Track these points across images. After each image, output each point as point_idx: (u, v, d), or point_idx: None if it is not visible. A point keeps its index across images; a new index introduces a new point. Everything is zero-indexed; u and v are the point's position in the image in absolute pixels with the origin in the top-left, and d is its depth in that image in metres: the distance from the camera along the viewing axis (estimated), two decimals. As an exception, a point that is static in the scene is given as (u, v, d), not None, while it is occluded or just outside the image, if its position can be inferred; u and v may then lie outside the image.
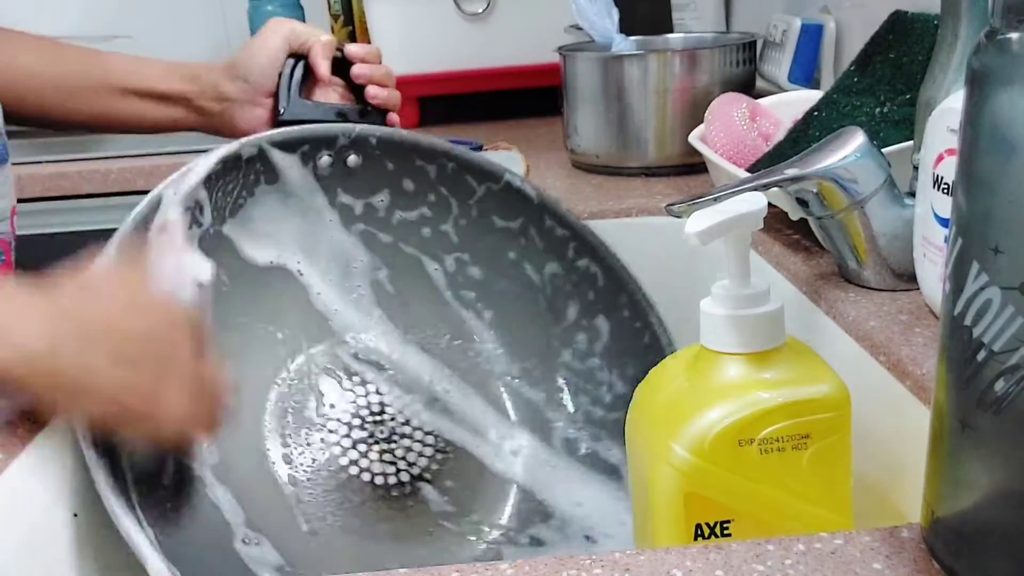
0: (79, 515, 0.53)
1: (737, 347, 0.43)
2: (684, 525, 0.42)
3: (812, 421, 0.42)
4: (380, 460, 0.63)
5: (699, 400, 0.43)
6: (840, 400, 0.43)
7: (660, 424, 0.44)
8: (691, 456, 0.41)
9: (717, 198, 0.70)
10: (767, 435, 0.41)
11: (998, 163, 0.28)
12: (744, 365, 0.43)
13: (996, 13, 0.28)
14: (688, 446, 0.41)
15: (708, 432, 0.41)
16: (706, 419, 0.41)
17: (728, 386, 0.43)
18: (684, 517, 0.42)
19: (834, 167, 0.54)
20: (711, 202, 0.71)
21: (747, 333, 0.43)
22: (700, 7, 1.23)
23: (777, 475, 0.42)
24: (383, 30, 1.23)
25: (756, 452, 0.41)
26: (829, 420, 0.42)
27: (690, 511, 0.42)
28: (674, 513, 0.42)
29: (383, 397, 0.66)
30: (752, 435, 0.41)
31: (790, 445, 0.42)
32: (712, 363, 0.44)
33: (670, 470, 0.42)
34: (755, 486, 0.42)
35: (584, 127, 0.96)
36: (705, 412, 0.42)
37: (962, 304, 0.30)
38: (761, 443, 0.41)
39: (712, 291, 0.45)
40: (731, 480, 0.42)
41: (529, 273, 0.70)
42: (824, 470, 0.43)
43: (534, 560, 0.35)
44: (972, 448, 0.31)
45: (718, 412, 0.41)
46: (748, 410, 0.41)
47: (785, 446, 0.42)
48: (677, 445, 0.41)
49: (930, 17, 0.68)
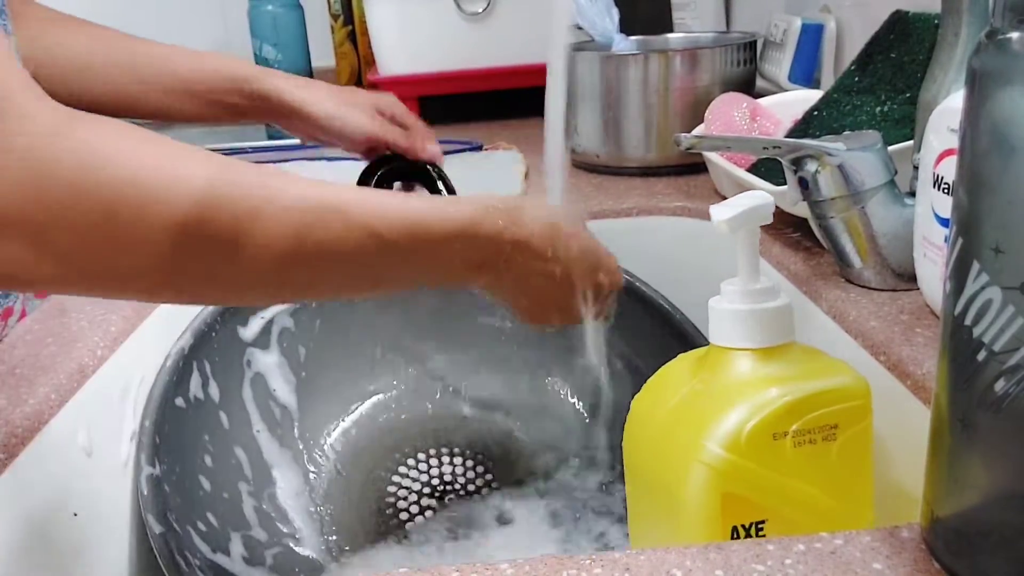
0: (79, 515, 0.53)
1: (752, 342, 0.43)
2: (720, 528, 0.41)
3: (839, 410, 0.42)
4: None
5: (723, 398, 0.42)
6: (863, 388, 0.43)
7: (683, 426, 0.43)
8: (727, 453, 0.40)
9: (728, 145, 0.71)
10: (800, 427, 0.41)
11: (998, 163, 0.28)
12: (760, 360, 0.43)
13: (996, 13, 0.28)
14: (723, 443, 0.40)
15: (743, 427, 0.40)
16: (737, 414, 0.41)
17: (751, 381, 0.43)
18: (721, 519, 0.41)
19: (843, 151, 0.54)
20: (720, 142, 0.71)
21: (763, 328, 0.43)
22: (700, 7, 1.23)
23: (809, 469, 0.42)
24: (383, 30, 1.22)
25: (790, 445, 0.41)
26: (855, 408, 0.43)
27: (727, 513, 0.41)
28: (709, 516, 0.41)
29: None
30: (786, 427, 0.41)
31: (820, 436, 0.42)
32: (726, 361, 0.44)
33: (705, 470, 0.41)
34: (789, 482, 0.41)
35: (584, 127, 0.95)
36: (734, 408, 0.41)
37: (962, 304, 0.30)
38: (795, 436, 0.41)
39: (722, 288, 0.45)
40: (767, 477, 0.41)
41: None
42: (851, 462, 0.43)
43: (534, 560, 0.35)
44: (972, 448, 0.31)
45: (748, 407, 0.41)
46: (779, 402, 0.41)
47: (816, 438, 0.42)
48: (711, 443, 0.40)
49: (930, 17, 0.68)
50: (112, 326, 0.62)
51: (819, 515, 0.42)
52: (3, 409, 0.50)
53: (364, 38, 1.46)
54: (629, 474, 0.48)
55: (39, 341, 0.59)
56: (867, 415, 0.43)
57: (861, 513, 0.44)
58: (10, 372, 0.55)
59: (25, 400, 0.51)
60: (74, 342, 0.59)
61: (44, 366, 0.55)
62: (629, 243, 0.82)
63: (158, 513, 0.53)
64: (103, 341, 0.60)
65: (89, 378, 0.57)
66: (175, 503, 0.56)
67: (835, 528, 0.36)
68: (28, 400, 0.51)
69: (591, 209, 0.83)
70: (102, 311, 0.64)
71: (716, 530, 0.41)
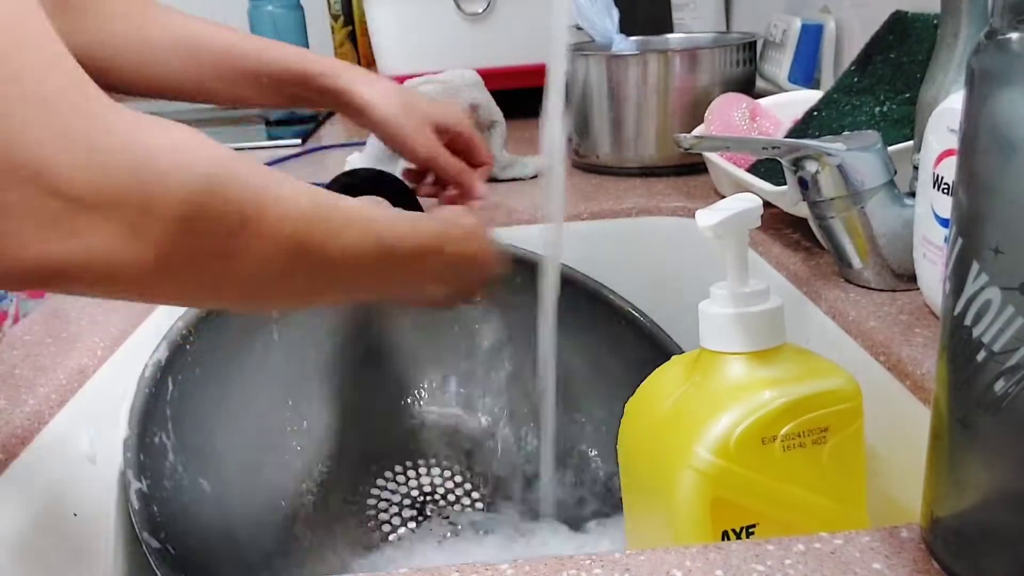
0: (79, 515, 0.53)
1: (742, 346, 0.43)
2: (712, 532, 0.41)
3: (829, 413, 0.42)
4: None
5: (713, 402, 0.42)
6: (853, 390, 0.43)
7: (674, 431, 0.43)
8: (716, 458, 0.40)
9: (728, 145, 0.71)
10: (789, 431, 0.41)
11: (998, 163, 0.28)
12: (750, 364, 0.43)
13: (996, 13, 0.28)
14: (712, 448, 0.40)
15: (731, 432, 0.40)
16: (727, 419, 0.41)
17: (740, 385, 0.42)
18: (711, 523, 0.41)
19: (843, 152, 0.54)
20: (720, 142, 0.71)
21: (752, 331, 0.43)
22: (700, 7, 1.23)
23: (799, 472, 0.42)
24: (383, 30, 1.22)
25: (779, 450, 0.41)
26: (845, 411, 0.43)
27: (717, 517, 0.41)
28: (699, 519, 0.41)
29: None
30: (775, 432, 0.41)
31: (810, 440, 0.42)
32: (717, 364, 0.44)
33: (694, 475, 0.41)
34: (779, 486, 0.42)
35: (584, 127, 0.95)
36: (724, 413, 0.41)
37: (962, 304, 0.30)
38: (784, 440, 0.41)
39: (711, 292, 0.44)
40: (756, 481, 0.41)
41: None
42: (842, 464, 0.43)
43: (534, 560, 0.35)
44: (972, 448, 0.31)
45: (737, 411, 0.41)
46: (768, 407, 0.41)
47: (806, 441, 0.41)
48: (700, 448, 0.41)
49: (930, 17, 0.68)
50: (112, 326, 0.62)
51: (811, 517, 0.42)
52: (3, 409, 0.50)
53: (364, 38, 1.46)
54: (625, 477, 0.48)
55: (39, 341, 0.59)
56: (858, 417, 0.43)
57: (854, 514, 0.44)
58: (10, 372, 0.55)
59: (25, 400, 0.51)
60: (74, 342, 0.59)
61: (44, 366, 0.55)
62: (629, 243, 0.83)
63: (153, 528, 0.53)
64: (103, 341, 0.60)
65: (89, 379, 0.57)
66: (166, 517, 0.55)
67: (830, 527, 0.36)
68: (28, 400, 0.51)
69: (591, 209, 0.83)
70: (102, 311, 0.64)
71: (707, 534, 0.41)
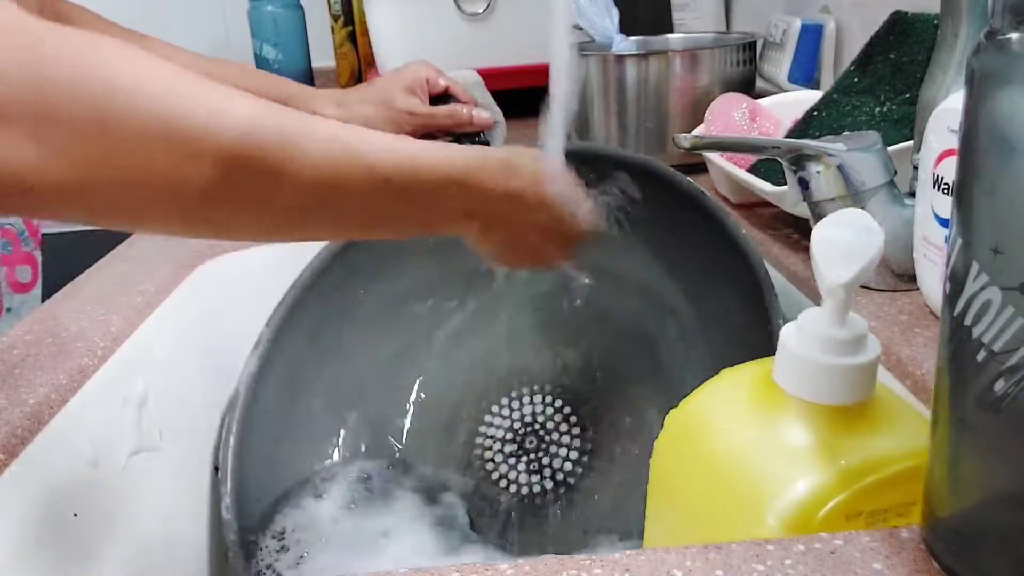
0: (79, 515, 0.53)
1: (830, 399, 0.37)
2: None
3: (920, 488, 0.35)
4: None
5: (790, 460, 0.36)
6: None
7: (737, 481, 0.37)
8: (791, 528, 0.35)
9: (728, 145, 0.70)
10: (877, 508, 0.35)
11: (998, 163, 0.28)
12: (838, 420, 0.37)
13: (996, 13, 0.28)
14: (787, 521, 0.35)
15: (815, 508, 0.35)
16: (809, 490, 0.35)
17: (827, 445, 0.36)
18: None
19: (843, 152, 0.54)
20: (720, 143, 0.71)
21: (847, 384, 0.37)
22: (700, 7, 1.23)
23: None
24: (383, 30, 1.22)
25: (863, 524, 0.36)
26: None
27: None
28: None
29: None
30: (862, 508, 0.35)
31: (895, 514, 0.36)
32: (794, 411, 0.37)
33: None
34: None
35: (584, 127, 0.95)
36: (804, 479, 0.35)
37: (962, 304, 0.30)
38: (869, 515, 0.35)
39: (800, 323, 0.38)
40: None
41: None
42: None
43: (534, 560, 0.35)
44: (972, 448, 0.31)
45: (822, 480, 0.35)
46: (861, 479, 0.35)
47: (890, 516, 0.36)
48: (773, 518, 0.35)
49: (930, 17, 0.68)
50: (112, 326, 0.62)
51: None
52: (3, 409, 0.50)
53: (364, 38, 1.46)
54: (655, 483, 0.44)
55: (39, 341, 0.59)
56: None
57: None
58: (10, 372, 0.55)
59: (25, 400, 0.51)
60: (74, 342, 0.59)
61: (44, 366, 0.55)
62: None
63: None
64: (103, 341, 0.60)
65: (89, 378, 0.57)
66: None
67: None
68: (28, 400, 0.51)
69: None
70: (102, 311, 0.64)
71: None
